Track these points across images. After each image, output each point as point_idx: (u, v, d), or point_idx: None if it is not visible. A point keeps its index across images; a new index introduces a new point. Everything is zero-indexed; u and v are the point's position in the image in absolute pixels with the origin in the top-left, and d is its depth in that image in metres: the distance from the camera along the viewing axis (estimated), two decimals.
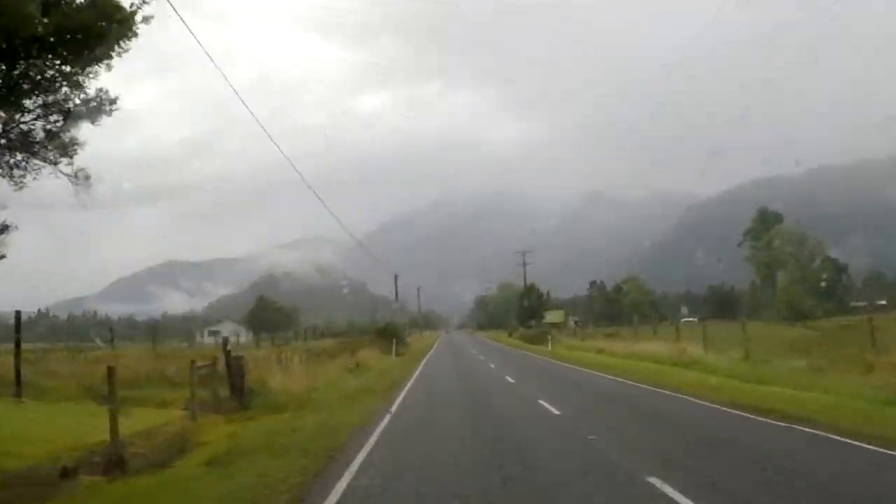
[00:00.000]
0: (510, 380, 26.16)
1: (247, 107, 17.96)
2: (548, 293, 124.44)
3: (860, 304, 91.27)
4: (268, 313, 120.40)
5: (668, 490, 7.60)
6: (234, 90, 17.39)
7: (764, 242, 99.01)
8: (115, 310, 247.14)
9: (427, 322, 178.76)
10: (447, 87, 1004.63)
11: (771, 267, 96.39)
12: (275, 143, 21.92)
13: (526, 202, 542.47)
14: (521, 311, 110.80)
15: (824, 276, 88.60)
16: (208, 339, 71.55)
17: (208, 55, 16.07)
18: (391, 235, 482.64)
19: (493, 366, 36.04)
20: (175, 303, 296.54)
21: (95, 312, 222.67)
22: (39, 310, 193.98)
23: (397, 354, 46.98)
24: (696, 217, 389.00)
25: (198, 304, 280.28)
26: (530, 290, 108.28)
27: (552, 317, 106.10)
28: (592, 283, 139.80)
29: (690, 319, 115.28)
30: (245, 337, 69.04)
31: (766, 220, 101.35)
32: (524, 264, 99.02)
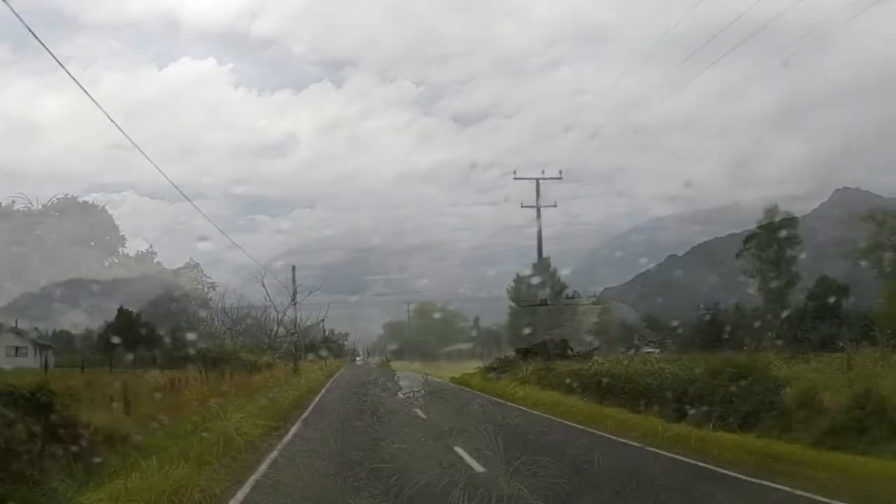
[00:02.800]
0: None
1: (128, 137, 19.22)
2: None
3: None
4: (130, 331, 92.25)
5: None
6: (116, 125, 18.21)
7: (773, 250, 77.43)
8: (21, 327, 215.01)
9: (327, 346, 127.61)
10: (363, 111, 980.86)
11: (792, 278, 73.26)
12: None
13: (433, 234, 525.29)
14: (516, 314, 54.40)
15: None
16: None
17: (99, 106, 18.45)
18: (296, 263, 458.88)
19: None
20: (77, 321, 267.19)
21: None
22: None
23: None
24: (610, 247, 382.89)
25: (95, 323, 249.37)
26: (546, 269, 47.97)
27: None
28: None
29: (652, 350, 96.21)
30: (37, 359, 41.15)
31: (776, 221, 79.58)
32: (538, 208, 44.49)
